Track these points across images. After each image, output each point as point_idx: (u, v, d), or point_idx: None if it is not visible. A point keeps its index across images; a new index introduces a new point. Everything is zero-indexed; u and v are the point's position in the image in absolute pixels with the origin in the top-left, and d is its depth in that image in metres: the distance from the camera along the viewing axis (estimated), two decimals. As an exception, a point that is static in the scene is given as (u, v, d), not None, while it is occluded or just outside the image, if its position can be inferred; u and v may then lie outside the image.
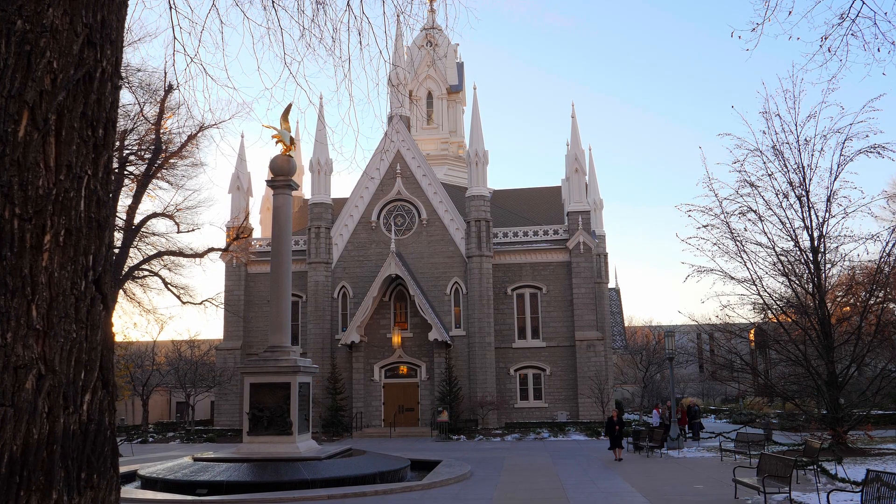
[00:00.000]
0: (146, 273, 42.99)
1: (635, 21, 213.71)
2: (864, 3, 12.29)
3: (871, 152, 30.45)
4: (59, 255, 2.79)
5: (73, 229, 2.86)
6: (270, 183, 28.76)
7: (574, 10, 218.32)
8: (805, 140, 32.23)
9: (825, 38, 12.39)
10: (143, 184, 40.63)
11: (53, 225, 2.79)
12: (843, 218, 32.04)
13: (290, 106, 28.26)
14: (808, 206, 32.06)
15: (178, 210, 42.14)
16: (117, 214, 40.37)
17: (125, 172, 41.11)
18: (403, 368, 53.48)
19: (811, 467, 23.37)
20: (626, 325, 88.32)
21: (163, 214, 41.80)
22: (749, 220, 32.62)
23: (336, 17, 9.08)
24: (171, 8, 8.53)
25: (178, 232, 42.50)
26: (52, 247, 2.77)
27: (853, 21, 12.46)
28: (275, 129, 28.05)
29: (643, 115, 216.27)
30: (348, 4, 8.79)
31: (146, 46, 48.38)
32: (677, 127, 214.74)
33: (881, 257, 31.82)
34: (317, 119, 52.62)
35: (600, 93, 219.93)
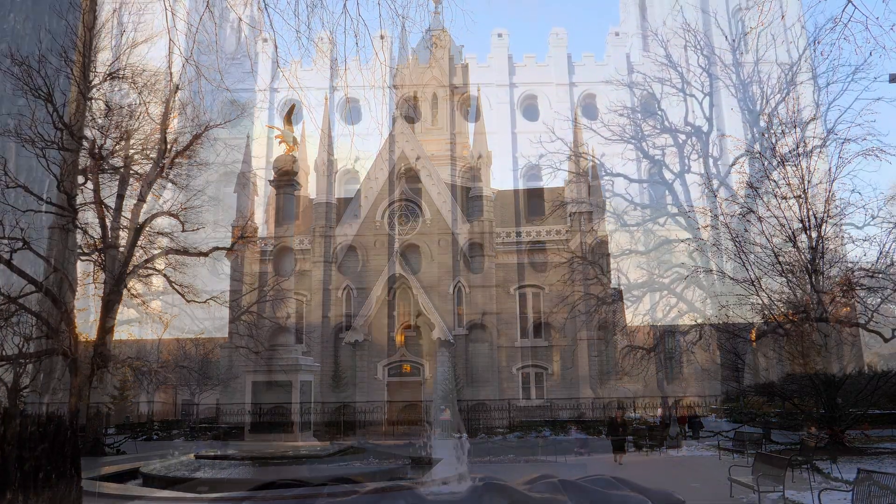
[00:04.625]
0: (151, 272, 43.10)
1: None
2: (855, 7, 12.42)
3: (868, 155, 30.53)
4: None
5: None
6: (274, 183, 28.91)
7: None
8: (804, 142, 32.30)
9: (818, 43, 12.53)
10: (148, 183, 40.80)
11: None
12: (842, 219, 32.15)
13: (293, 106, 28.48)
14: (807, 207, 32.12)
15: (182, 209, 42.27)
16: (122, 213, 40.57)
17: (130, 172, 41.30)
18: (406, 367, 53.65)
19: (806, 466, 23.40)
20: (628, 324, 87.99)
21: (167, 213, 41.96)
22: (748, 221, 32.69)
23: (333, 21, 9.26)
24: (166, 10, 8.71)
25: (183, 231, 42.60)
26: None
27: (846, 25, 12.59)
28: (278, 129, 28.25)
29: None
30: (344, 6, 8.95)
31: (150, 47, 48.45)
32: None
33: (878, 259, 31.87)
34: (322, 120, 52.82)
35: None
